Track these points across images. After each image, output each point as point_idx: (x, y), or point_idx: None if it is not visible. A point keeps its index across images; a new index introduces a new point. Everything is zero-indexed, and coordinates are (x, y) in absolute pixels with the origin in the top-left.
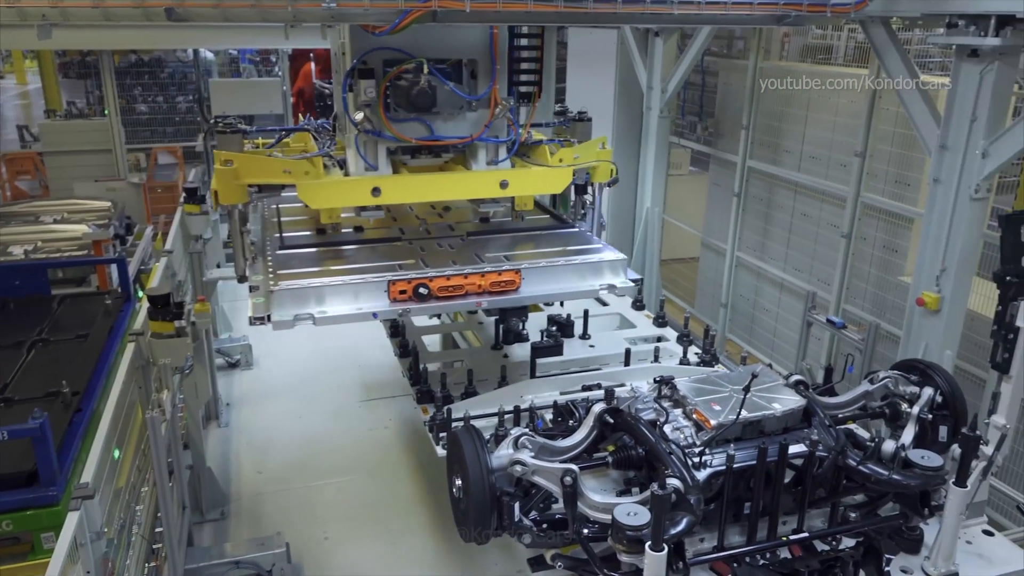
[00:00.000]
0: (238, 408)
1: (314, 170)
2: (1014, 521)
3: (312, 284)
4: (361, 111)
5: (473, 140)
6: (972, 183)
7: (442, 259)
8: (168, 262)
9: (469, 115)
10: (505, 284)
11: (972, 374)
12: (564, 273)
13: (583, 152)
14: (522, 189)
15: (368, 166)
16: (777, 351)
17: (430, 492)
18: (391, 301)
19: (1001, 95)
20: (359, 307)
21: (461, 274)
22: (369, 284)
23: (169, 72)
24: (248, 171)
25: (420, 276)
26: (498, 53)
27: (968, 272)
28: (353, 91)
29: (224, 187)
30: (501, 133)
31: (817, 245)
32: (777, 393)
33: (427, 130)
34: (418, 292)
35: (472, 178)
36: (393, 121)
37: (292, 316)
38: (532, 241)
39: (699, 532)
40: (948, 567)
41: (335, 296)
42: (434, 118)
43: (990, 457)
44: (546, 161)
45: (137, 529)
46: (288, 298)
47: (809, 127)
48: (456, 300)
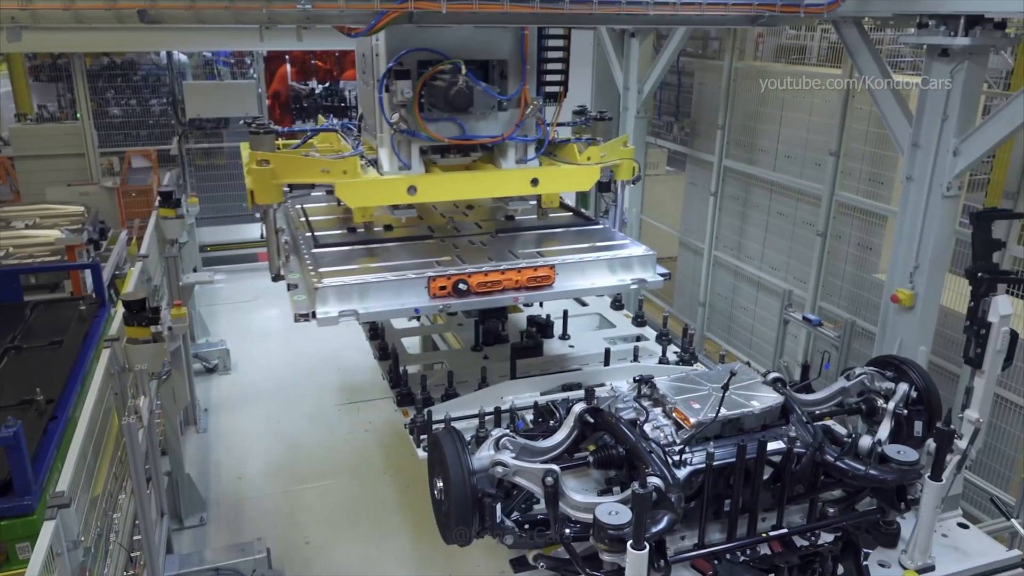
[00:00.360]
0: (216, 413)
1: (352, 169)
2: (988, 514)
3: (355, 281)
4: (397, 111)
5: (504, 139)
6: (944, 181)
7: (477, 256)
8: (143, 267)
9: (500, 115)
10: (540, 279)
11: (946, 369)
12: (596, 268)
13: (609, 150)
14: (552, 187)
15: (402, 165)
16: (755, 349)
17: (411, 495)
18: (431, 297)
19: (971, 94)
20: (401, 303)
21: (498, 270)
22: (410, 281)
23: (142, 75)
24: (285, 171)
25: (459, 272)
26: (528, 53)
27: (941, 269)
28: (389, 92)
29: (260, 187)
30: (530, 132)
31: (793, 243)
32: (755, 391)
33: (459, 129)
34: (457, 288)
35: (504, 176)
36: (427, 121)
37: (337, 312)
38: (559, 238)
39: (680, 530)
40: (925, 560)
41: (377, 293)
42: (466, 118)
43: (964, 451)
44: (575, 159)
45: (115, 537)
46: (332, 295)
47: (784, 127)
48: (494, 296)
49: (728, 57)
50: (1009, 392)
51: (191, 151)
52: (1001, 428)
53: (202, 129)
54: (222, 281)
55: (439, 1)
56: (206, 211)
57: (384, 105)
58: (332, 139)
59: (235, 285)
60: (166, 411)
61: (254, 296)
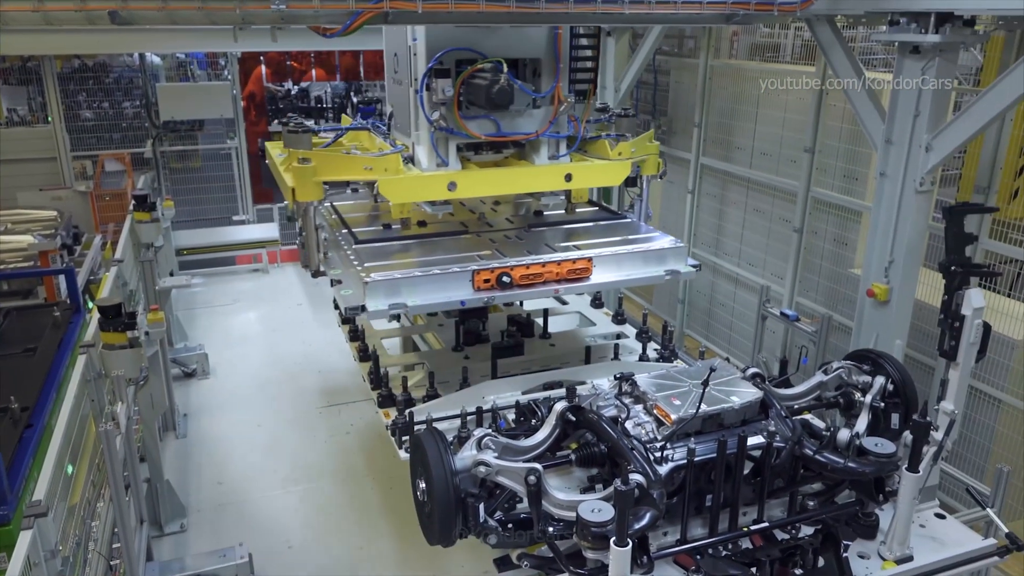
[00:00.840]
0: (196, 418)
1: (394, 166)
2: (964, 504)
3: (402, 275)
4: (437, 109)
5: (538, 136)
6: (917, 176)
7: (516, 249)
8: (118, 271)
9: (534, 112)
10: (579, 271)
11: (921, 362)
12: (631, 260)
13: (638, 146)
14: (585, 182)
15: (441, 161)
16: (734, 345)
17: (394, 496)
18: (475, 290)
19: (942, 90)
20: (447, 296)
21: (539, 263)
22: (455, 274)
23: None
24: (327, 168)
25: (502, 265)
26: (561, 52)
27: (915, 263)
28: (430, 90)
29: (301, 184)
30: (562, 129)
31: (770, 240)
32: (735, 386)
33: (495, 127)
34: (501, 280)
35: (539, 172)
36: (465, 119)
37: (387, 305)
38: (590, 232)
39: (662, 526)
40: (903, 551)
41: (424, 286)
42: (502, 115)
43: (940, 442)
44: (607, 155)
45: (93, 546)
46: (382, 289)
47: (760, 124)
48: (536, 287)
49: (704, 55)
50: (983, 384)
51: (166, 154)
52: (975, 419)
53: (176, 132)
54: (199, 285)
55: (415, 1)
56: (182, 214)
57: (424, 103)
58: (361, 137)
59: (213, 289)
60: (144, 417)
61: (232, 300)
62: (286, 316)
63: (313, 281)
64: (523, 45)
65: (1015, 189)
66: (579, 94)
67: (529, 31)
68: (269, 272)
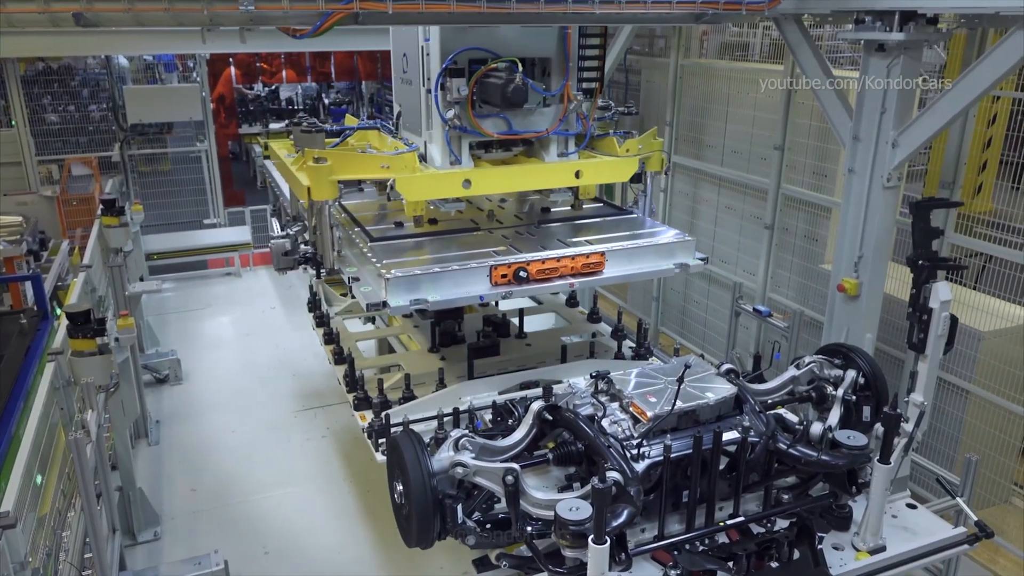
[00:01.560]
0: (169, 425)
1: (410, 165)
2: (935, 493)
3: (422, 271)
4: (452, 108)
5: (549, 134)
6: (884, 172)
7: (529, 245)
8: (87, 277)
9: (544, 110)
10: (593, 266)
11: (891, 355)
12: (642, 255)
13: (645, 143)
14: (594, 178)
15: (455, 159)
16: (708, 342)
17: (371, 499)
18: (492, 285)
19: (907, 87)
20: (466, 291)
21: (554, 257)
22: (473, 270)
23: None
24: (343, 167)
25: (518, 260)
26: (571, 51)
27: (884, 258)
28: (444, 90)
29: (317, 183)
30: (571, 127)
31: (742, 237)
32: (709, 383)
33: (507, 125)
34: (518, 275)
35: (550, 168)
36: (478, 117)
37: (408, 301)
38: (598, 227)
39: (640, 523)
40: (876, 541)
41: (443, 282)
42: (514, 114)
43: (911, 434)
44: (615, 152)
45: (65, 556)
46: (402, 285)
47: (730, 122)
48: (552, 282)
49: (674, 55)
50: (951, 375)
51: (134, 157)
52: (944, 410)
53: (145, 135)
54: (171, 290)
55: (385, 2)
56: (151, 218)
57: (439, 101)
58: (369, 137)
59: (184, 293)
60: (115, 424)
61: (205, 304)
62: (260, 320)
63: (287, 284)
64: (535, 45)
65: (979, 184)
66: (586, 92)
67: (541, 31)
68: (242, 276)
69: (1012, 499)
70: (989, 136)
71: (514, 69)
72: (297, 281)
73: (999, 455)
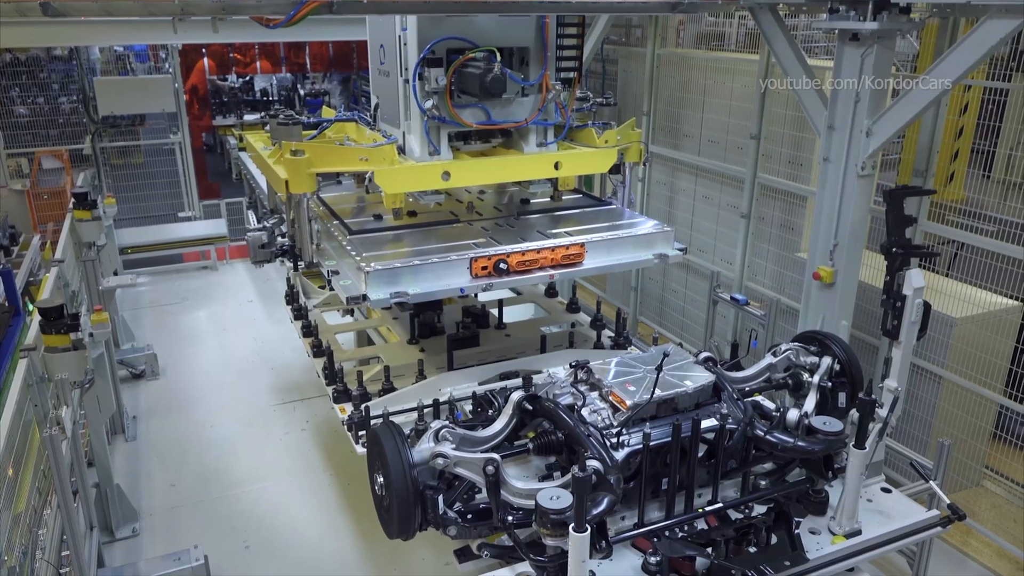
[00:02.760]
0: (146, 420)
1: (389, 157)
2: (909, 477)
3: (402, 264)
4: (430, 98)
5: (528, 124)
6: (858, 161)
7: (510, 237)
8: (59, 272)
9: (523, 100)
10: (572, 257)
11: (866, 342)
12: (621, 245)
13: (623, 134)
14: (573, 169)
15: (433, 150)
16: (686, 330)
17: (352, 492)
18: (473, 277)
19: (881, 76)
20: (446, 283)
21: (534, 249)
22: (453, 262)
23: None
24: (321, 160)
25: (498, 252)
26: (549, 40)
27: (858, 246)
28: (423, 80)
29: (295, 176)
30: (550, 116)
31: (719, 226)
32: (688, 371)
33: (485, 115)
34: (498, 267)
35: (529, 160)
36: (457, 107)
37: (388, 294)
38: (578, 218)
39: (620, 511)
40: (852, 525)
41: (423, 274)
42: (493, 104)
43: (885, 419)
44: (594, 143)
45: (41, 554)
46: (382, 278)
47: (707, 112)
48: (532, 273)
49: (651, 44)
50: (924, 361)
51: (106, 150)
52: (918, 395)
53: (117, 127)
54: (146, 284)
55: None
56: (124, 212)
57: (418, 92)
58: (348, 129)
59: (160, 287)
60: (91, 421)
61: (181, 298)
62: (237, 313)
63: (264, 277)
64: (513, 34)
65: (951, 172)
66: (565, 82)
67: (519, 20)
68: (218, 269)
69: (984, 482)
70: (961, 125)
71: (492, 59)
72: (274, 274)
73: (971, 439)
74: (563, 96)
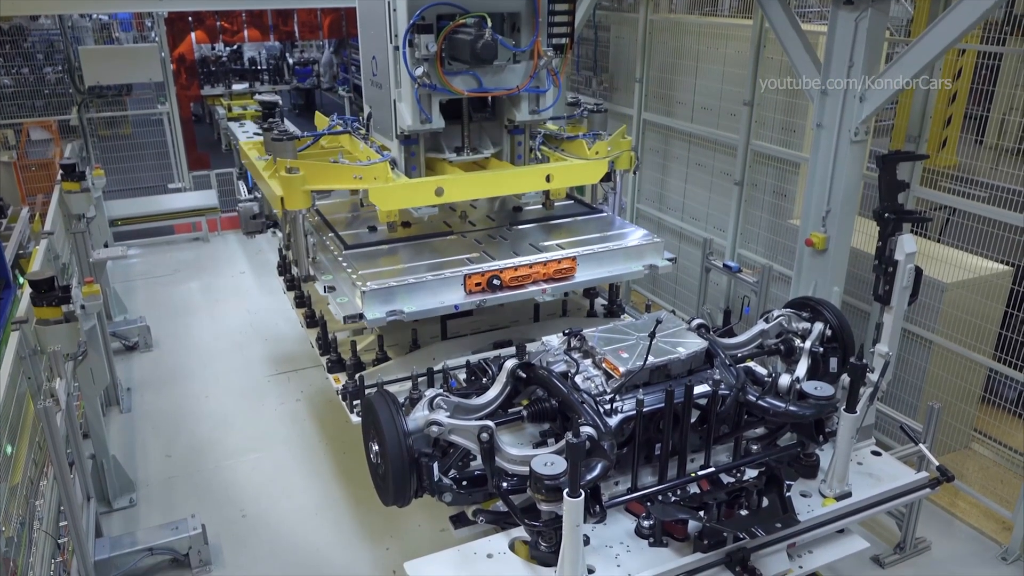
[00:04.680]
0: (140, 392)
1: (383, 175)
2: (898, 441)
3: (397, 282)
4: (421, 65)
5: (519, 91)
6: (852, 126)
7: (502, 250)
8: (49, 244)
9: (515, 67)
10: (564, 271)
11: (857, 308)
12: (612, 258)
13: (614, 144)
14: (564, 182)
15: (425, 118)
16: (679, 298)
17: (347, 461)
18: (467, 293)
19: (875, 41)
20: (441, 300)
21: (527, 265)
22: (447, 279)
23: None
24: (316, 178)
25: (492, 268)
26: (541, 6)
27: (851, 212)
28: (413, 46)
29: (290, 193)
30: (542, 84)
31: (712, 193)
32: (681, 338)
33: (476, 82)
34: (492, 283)
35: (521, 173)
36: (447, 74)
37: (384, 313)
38: (569, 228)
39: (614, 476)
40: (842, 488)
41: (418, 292)
42: (484, 70)
43: (876, 383)
44: (584, 155)
45: (39, 525)
46: (379, 297)
47: (700, 78)
48: (525, 288)
49: (643, 10)
50: (915, 326)
51: (93, 121)
52: (908, 360)
53: (103, 97)
54: (137, 256)
55: None
56: (113, 184)
57: (408, 59)
58: (342, 140)
59: (151, 259)
60: (85, 393)
61: (172, 270)
62: (229, 285)
63: (256, 248)
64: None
65: (944, 138)
66: (557, 48)
67: None
68: (210, 241)
69: (972, 445)
70: (954, 91)
71: (483, 25)
72: (266, 245)
73: (960, 402)
74: (555, 63)
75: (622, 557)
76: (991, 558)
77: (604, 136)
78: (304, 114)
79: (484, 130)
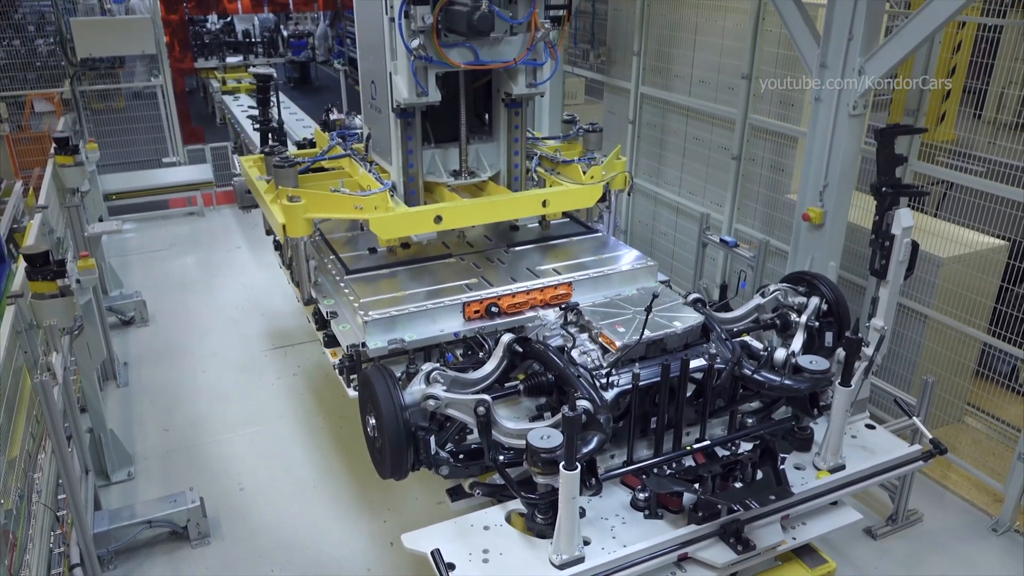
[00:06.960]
0: (137, 367)
1: (383, 204)
2: (892, 414)
3: (398, 312)
4: (416, 38)
5: (516, 63)
6: (850, 100)
7: (500, 275)
8: (43, 218)
9: (512, 39)
10: (560, 296)
11: (853, 283)
12: (607, 282)
13: (608, 167)
14: (560, 206)
15: (421, 91)
16: (676, 272)
17: (344, 435)
18: (466, 320)
19: (874, 13)
20: (441, 328)
21: (524, 291)
22: (447, 307)
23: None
24: (317, 206)
25: (490, 296)
26: None
27: (848, 187)
28: (408, 18)
29: (292, 222)
30: (539, 56)
31: (709, 168)
32: (677, 312)
33: (473, 55)
34: (490, 311)
35: (518, 200)
36: (443, 47)
37: (386, 342)
38: (565, 250)
39: (610, 449)
40: (836, 460)
41: (419, 321)
42: (481, 43)
43: (871, 357)
44: (580, 180)
45: (37, 497)
46: (380, 327)
47: (698, 51)
48: (523, 314)
49: None
50: (910, 300)
51: (86, 94)
52: (903, 334)
53: (96, 69)
54: (132, 230)
55: None
56: (107, 157)
57: (403, 31)
58: (343, 163)
59: (146, 234)
60: (82, 367)
61: (168, 244)
62: (225, 260)
63: (252, 223)
64: None
65: (942, 112)
66: (554, 20)
67: None
68: (205, 215)
69: (965, 418)
70: (954, 64)
71: None
72: (262, 220)
73: (954, 376)
74: (552, 35)
75: (617, 529)
76: (982, 529)
77: (599, 160)
78: (299, 87)
79: (481, 153)
